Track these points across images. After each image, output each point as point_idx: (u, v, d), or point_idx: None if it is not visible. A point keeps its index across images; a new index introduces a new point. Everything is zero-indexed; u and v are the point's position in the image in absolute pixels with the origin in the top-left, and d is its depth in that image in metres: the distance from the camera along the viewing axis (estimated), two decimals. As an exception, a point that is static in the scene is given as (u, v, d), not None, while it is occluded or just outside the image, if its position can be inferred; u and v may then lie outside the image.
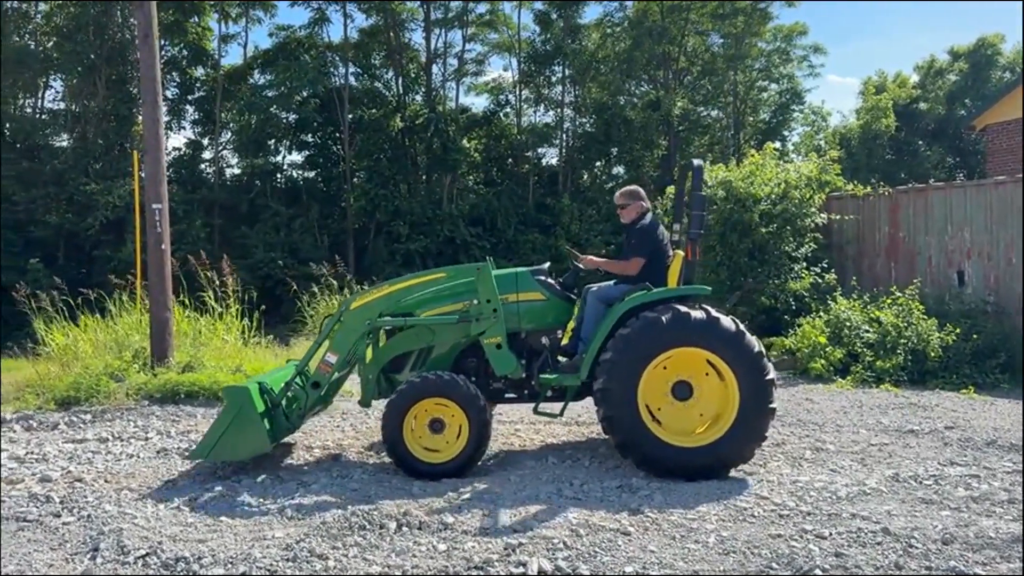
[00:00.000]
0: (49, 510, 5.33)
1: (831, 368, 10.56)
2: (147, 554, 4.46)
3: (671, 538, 4.66)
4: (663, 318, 5.84)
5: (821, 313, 11.54)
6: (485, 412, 6.03)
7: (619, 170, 34.04)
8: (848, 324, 11.10)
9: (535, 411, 6.57)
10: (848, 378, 10.34)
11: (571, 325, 6.73)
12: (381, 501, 5.35)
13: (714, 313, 5.96)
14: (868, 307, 11.52)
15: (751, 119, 35.62)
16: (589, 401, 6.32)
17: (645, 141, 31.13)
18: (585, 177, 33.63)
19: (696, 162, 6.43)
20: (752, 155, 13.60)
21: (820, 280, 12.60)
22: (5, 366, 12.49)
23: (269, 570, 4.26)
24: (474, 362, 6.50)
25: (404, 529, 4.80)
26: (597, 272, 6.93)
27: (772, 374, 6.03)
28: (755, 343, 5.99)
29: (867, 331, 11.00)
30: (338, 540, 4.63)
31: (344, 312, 6.58)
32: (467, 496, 5.44)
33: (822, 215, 13.04)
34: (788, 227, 12.57)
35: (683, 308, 5.92)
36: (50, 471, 6.36)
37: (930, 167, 31.45)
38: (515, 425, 7.84)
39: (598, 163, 33.57)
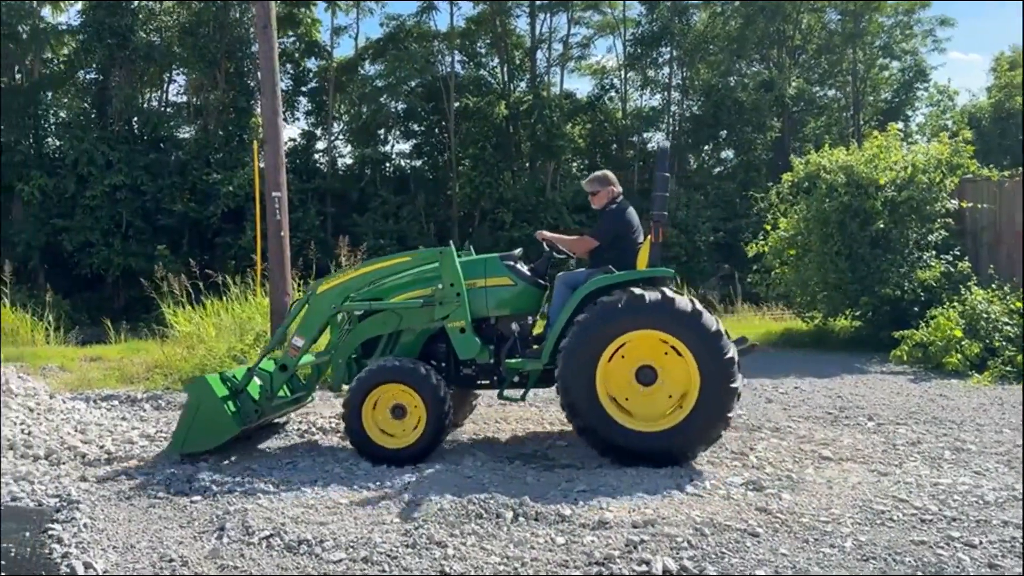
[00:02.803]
0: (178, 488, 5.51)
1: (967, 363, 9.88)
2: (271, 535, 4.53)
3: (804, 541, 4.39)
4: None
5: (955, 304, 10.81)
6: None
7: (728, 154, 33.09)
8: (985, 316, 10.35)
9: (499, 396, 6.56)
10: (985, 374, 9.64)
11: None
12: (495, 489, 5.28)
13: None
14: (1008, 298, 10.72)
15: (871, 99, 33.92)
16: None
17: (757, 123, 30.10)
18: (692, 162, 32.85)
19: (662, 144, 6.38)
20: (875, 137, 12.85)
21: (952, 269, 11.82)
22: (135, 347, 13.18)
23: (389, 555, 4.25)
24: (444, 347, 6.49)
25: (520, 519, 4.72)
26: (569, 258, 6.83)
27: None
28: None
29: (1007, 324, 10.23)
30: (455, 528, 4.59)
31: (311, 296, 6.67)
32: (582, 488, 5.31)
33: (953, 200, 12.22)
34: (914, 215, 11.84)
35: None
36: (178, 449, 6.59)
37: (1071, 147, 29.16)
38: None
39: (706, 147, 32.70)
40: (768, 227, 13.25)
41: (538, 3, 29.88)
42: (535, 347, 6.37)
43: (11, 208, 25.01)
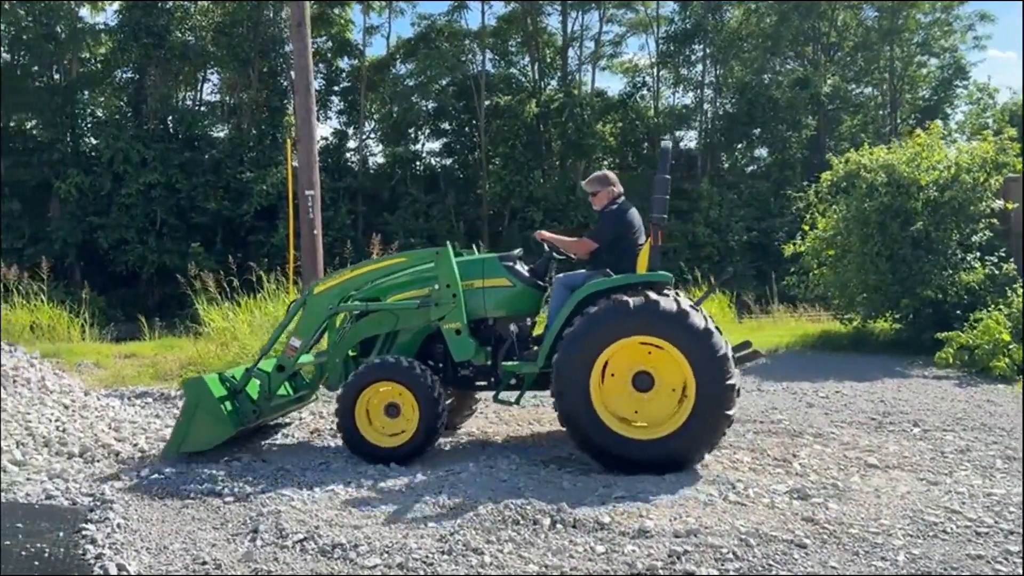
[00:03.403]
0: (211, 489, 5.46)
1: (1015, 367, 9.57)
2: (305, 539, 4.46)
3: (854, 553, 4.22)
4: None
5: (1001, 307, 10.48)
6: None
7: (762, 152, 32.72)
8: (1033, 319, 10.03)
9: (495, 399, 6.46)
10: (1033, 379, 9.33)
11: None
12: (531, 494, 5.17)
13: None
14: (1057, 301, 10.37)
15: (908, 97, 33.36)
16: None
17: (792, 121, 29.72)
18: (725, 160, 32.49)
19: (664, 144, 6.20)
20: (917, 136, 12.52)
21: (997, 271, 11.47)
22: (169, 344, 13.26)
23: (425, 562, 4.16)
24: (441, 348, 6.40)
25: (559, 526, 4.60)
26: (569, 259, 6.74)
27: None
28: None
29: (1056, 328, 9.90)
30: (492, 534, 4.48)
31: (308, 296, 6.64)
32: (620, 494, 5.17)
33: (999, 200, 11.86)
34: (956, 216, 11.50)
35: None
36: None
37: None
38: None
39: (739, 145, 32.35)
40: (806, 227, 12.98)
41: (570, 1, 29.71)
42: (534, 348, 6.28)
43: (48, 206, 25.40)
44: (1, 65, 25.39)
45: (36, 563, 4.17)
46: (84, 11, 27.30)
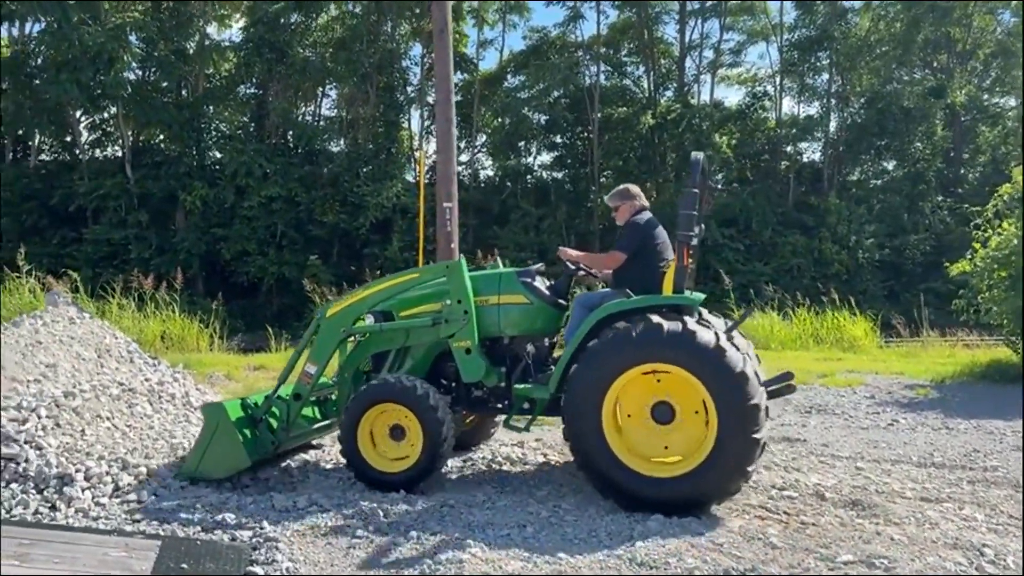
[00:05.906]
0: (376, 525, 5.01)
1: None
2: (496, 595, 3.93)
3: None
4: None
5: None
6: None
7: (890, 165, 30.97)
8: None
9: (505, 424, 6.06)
10: None
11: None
12: (736, 551, 4.52)
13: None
14: None
15: (1053, 106, 30.96)
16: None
17: (926, 132, 27.97)
18: (852, 173, 30.88)
19: (695, 156, 5.59)
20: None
21: None
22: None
23: (642, 637, 3.55)
24: (454, 366, 6.01)
25: (790, 598, 3.92)
26: (595, 277, 6.34)
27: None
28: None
29: None
30: (711, 603, 3.85)
31: (320, 320, 6.25)
32: (846, 557, 4.44)
33: None
34: None
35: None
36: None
37: None
38: (883, 464, 6.63)
39: (864, 156, 30.72)
40: (977, 245, 11.78)
41: (689, 7, 28.89)
42: (551, 370, 5.77)
43: (174, 217, 26.23)
44: (134, 81, 26.42)
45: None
46: (211, 28, 28.24)
